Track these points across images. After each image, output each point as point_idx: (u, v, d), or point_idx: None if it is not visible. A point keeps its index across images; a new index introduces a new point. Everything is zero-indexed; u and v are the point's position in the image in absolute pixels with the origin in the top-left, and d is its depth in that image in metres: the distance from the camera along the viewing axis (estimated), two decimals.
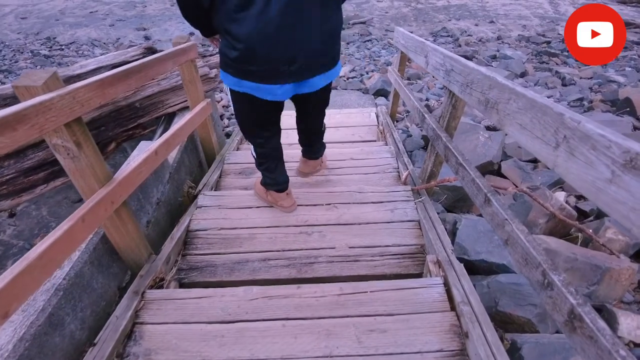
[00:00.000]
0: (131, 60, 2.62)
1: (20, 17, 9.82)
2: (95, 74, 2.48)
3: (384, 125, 3.36)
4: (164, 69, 1.83)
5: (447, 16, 9.17)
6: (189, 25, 6.54)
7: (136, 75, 1.53)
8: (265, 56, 1.45)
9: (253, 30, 1.39)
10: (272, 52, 1.44)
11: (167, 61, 1.87)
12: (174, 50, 1.97)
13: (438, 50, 1.96)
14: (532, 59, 6.71)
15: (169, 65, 1.91)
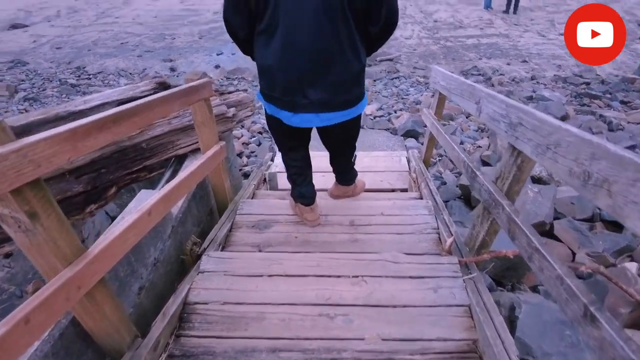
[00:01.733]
0: (140, 96, 2.38)
1: (56, 47, 10.14)
2: (100, 110, 2.24)
3: (417, 173, 3.01)
4: (168, 111, 1.55)
5: (478, 54, 8.92)
6: (215, 58, 6.50)
7: (127, 120, 1.24)
8: (282, 88, 1.65)
9: (273, 64, 1.59)
10: (288, 85, 1.63)
11: (174, 102, 1.59)
12: (184, 88, 1.70)
13: (497, 97, 1.62)
14: (571, 101, 6.29)
15: (176, 106, 1.64)
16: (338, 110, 1.70)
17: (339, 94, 1.66)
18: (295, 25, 1.49)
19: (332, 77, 1.60)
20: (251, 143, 4.33)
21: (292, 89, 1.63)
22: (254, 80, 7.45)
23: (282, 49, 1.54)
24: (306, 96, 1.64)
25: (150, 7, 13.09)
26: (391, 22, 1.57)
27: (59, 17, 12.77)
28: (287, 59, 1.56)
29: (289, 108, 1.69)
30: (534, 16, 11.51)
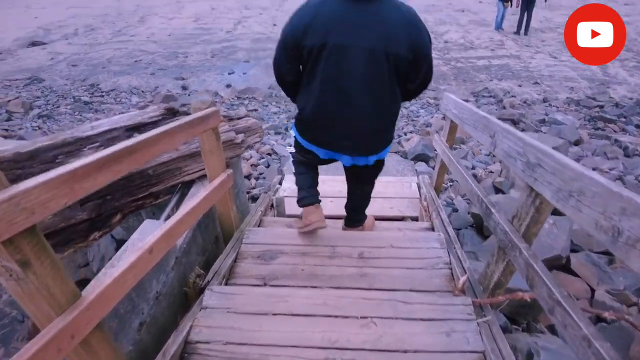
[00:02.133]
0: (148, 122, 2.37)
1: (72, 64, 10.35)
2: (107, 136, 2.23)
3: (428, 201, 2.93)
4: (173, 145, 1.52)
5: (489, 76, 8.88)
6: (226, 77, 6.54)
7: (129, 157, 1.20)
8: (321, 134, 1.83)
9: (314, 113, 1.75)
10: (327, 133, 1.81)
11: (179, 134, 1.56)
12: (189, 120, 1.67)
13: (513, 133, 1.56)
14: (585, 125, 6.19)
15: (181, 138, 1.60)
16: (370, 155, 1.87)
17: (374, 142, 1.82)
18: (340, 80, 1.61)
19: (370, 128, 1.75)
20: (260, 165, 4.30)
21: (330, 136, 1.81)
22: (265, 100, 7.50)
23: (324, 101, 1.69)
24: (341, 142, 1.80)
25: (165, 26, 13.36)
26: (427, 81, 1.72)
27: (77, 35, 13.09)
28: (328, 111, 1.71)
29: (317, 143, 1.86)
30: (545, 37, 11.48)
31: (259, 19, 13.81)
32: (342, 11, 1.53)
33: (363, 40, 1.53)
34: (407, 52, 1.54)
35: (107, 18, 14.81)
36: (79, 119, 6.69)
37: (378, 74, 1.58)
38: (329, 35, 1.54)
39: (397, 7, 1.54)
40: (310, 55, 1.60)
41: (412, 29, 1.53)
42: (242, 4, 15.89)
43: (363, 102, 1.65)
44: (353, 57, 1.55)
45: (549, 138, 4.98)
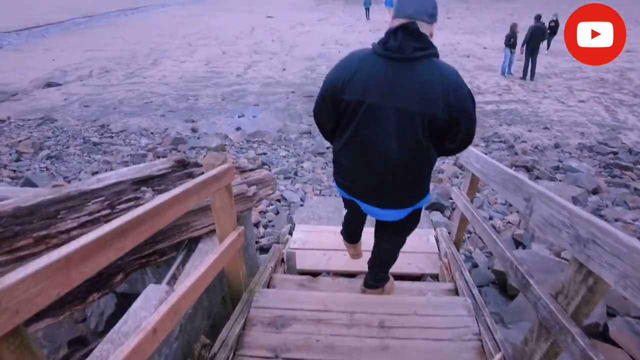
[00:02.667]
0: (157, 174, 2.27)
1: (84, 105, 10.55)
2: (113, 189, 2.12)
3: (449, 258, 2.75)
4: (183, 210, 1.40)
5: (498, 121, 8.87)
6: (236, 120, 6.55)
7: (134, 231, 1.07)
8: (352, 183, 1.85)
9: (346, 163, 1.81)
10: (352, 181, 1.84)
11: (190, 198, 1.44)
12: (203, 180, 1.55)
13: (555, 200, 1.42)
14: (601, 172, 6.06)
15: (194, 200, 1.48)
16: (399, 208, 1.84)
17: (402, 196, 1.80)
18: (372, 136, 1.62)
19: (397, 184, 1.74)
20: (269, 212, 4.17)
21: (357, 186, 1.83)
22: (274, 143, 7.49)
23: (356, 153, 1.73)
24: (368, 193, 1.82)
25: (177, 69, 13.73)
26: (467, 142, 1.67)
27: (91, 76, 13.45)
28: (359, 164, 1.75)
29: (352, 194, 1.89)
30: (551, 83, 11.60)
31: (268, 63, 14.17)
32: (381, 71, 1.54)
33: (398, 100, 1.53)
34: (443, 113, 1.51)
35: (122, 60, 15.28)
36: (87, 161, 6.68)
37: (410, 134, 1.57)
38: (366, 94, 1.57)
39: (438, 68, 1.52)
40: (347, 109, 1.64)
41: (451, 91, 1.50)
42: (252, 49, 16.39)
43: (393, 158, 1.64)
44: (387, 117, 1.57)
45: (567, 187, 4.84)
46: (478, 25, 20.71)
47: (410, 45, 1.49)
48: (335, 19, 23.55)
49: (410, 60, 1.51)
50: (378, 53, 1.55)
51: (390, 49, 1.52)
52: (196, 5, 32.72)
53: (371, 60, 1.56)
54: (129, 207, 2.08)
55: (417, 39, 1.51)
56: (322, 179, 5.40)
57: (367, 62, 1.57)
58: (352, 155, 1.75)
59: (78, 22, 26.44)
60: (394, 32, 1.52)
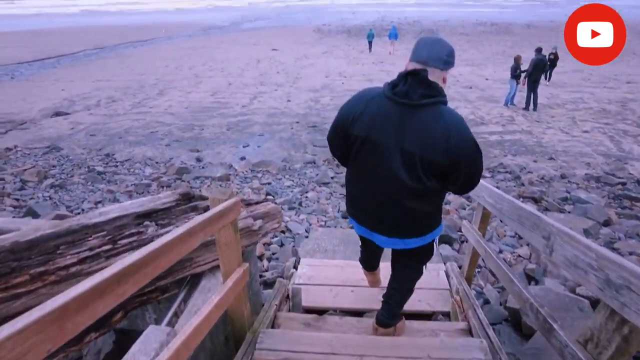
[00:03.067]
0: (161, 208, 2.21)
1: (90, 134, 10.66)
2: (115, 223, 2.06)
3: (460, 295, 2.65)
4: (189, 248, 1.33)
5: (502, 151, 8.86)
6: (241, 150, 6.57)
7: (136, 275, 1.00)
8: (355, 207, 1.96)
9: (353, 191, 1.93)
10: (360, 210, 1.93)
11: (196, 235, 1.38)
12: (208, 217, 1.49)
13: (579, 239, 1.35)
14: (610, 203, 5.96)
15: (199, 239, 1.42)
16: (407, 238, 1.87)
17: (409, 227, 1.84)
18: (376, 170, 1.72)
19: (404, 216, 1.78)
20: (273, 244, 4.08)
21: (364, 216, 1.92)
22: (278, 173, 7.47)
23: (364, 185, 1.82)
24: (374, 224, 1.89)
25: (183, 99, 13.94)
26: (469, 187, 1.75)
27: (98, 106, 13.68)
28: (366, 194, 1.83)
29: (359, 221, 1.96)
30: (554, 113, 11.67)
31: (273, 94, 14.39)
32: (388, 112, 1.62)
33: (401, 142, 1.60)
34: (443, 158, 1.56)
35: (129, 90, 15.57)
36: (91, 190, 6.65)
37: (413, 173, 1.63)
38: (373, 131, 1.66)
39: (443, 114, 1.57)
40: (355, 142, 1.74)
41: (452, 137, 1.54)
42: (257, 80, 16.70)
43: (395, 194, 1.71)
44: (391, 155, 1.64)
45: (577, 219, 4.74)
46: (479, 57, 21.13)
47: (418, 92, 1.56)
48: (339, 52, 24.10)
49: (417, 107, 1.57)
50: (386, 95, 1.62)
51: (398, 93, 1.59)
52: (203, 38, 33.70)
53: (380, 101, 1.65)
54: (131, 242, 2.02)
55: (425, 86, 1.56)
56: (327, 210, 5.33)
57: (375, 101, 1.66)
58: (361, 186, 1.84)
59: (88, 53, 27.21)
60: (405, 77, 1.59)
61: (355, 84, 15.60)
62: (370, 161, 1.72)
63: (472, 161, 1.61)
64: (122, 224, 2.09)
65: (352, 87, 15.08)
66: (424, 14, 46.12)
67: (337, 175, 7.34)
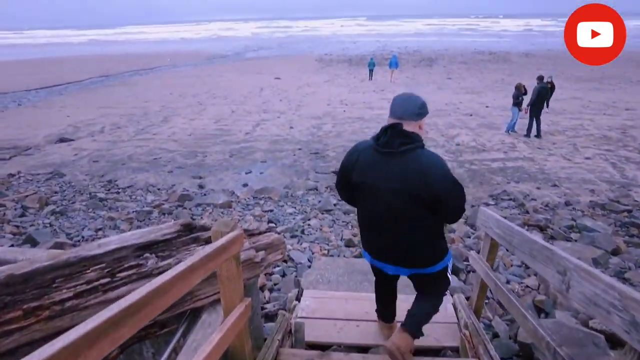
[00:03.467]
0: (162, 240, 2.16)
1: (93, 160, 10.71)
2: (114, 255, 2.01)
3: (470, 329, 2.54)
4: (190, 285, 1.27)
5: (505, 178, 8.83)
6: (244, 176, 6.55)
7: (133, 317, 0.95)
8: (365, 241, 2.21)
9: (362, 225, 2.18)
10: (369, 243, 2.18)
11: (197, 272, 1.32)
12: (211, 252, 1.44)
13: (597, 276, 1.29)
14: (617, 231, 5.87)
15: (200, 275, 1.36)
16: (412, 268, 2.10)
17: (411, 258, 2.06)
18: (375, 210, 2.01)
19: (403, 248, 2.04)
20: (275, 274, 3.99)
21: (375, 247, 2.15)
22: (280, 200, 7.43)
23: (369, 221, 2.11)
24: (384, 253, 2.12)
25: (186, 126, 14.08)
26: (456, 217, 2.08)
27: (103, 132, 13.80)
28: (372, 229, 2.12)
29: (375, 256, 2.17)
30: (555, 140, 11.70)
31: (276, 121, 14.53)
32: (376, 160, 1.94)
33: (390, 183, 1.89)
34: (426, 193, 1.85)
35: (133, 117, 15.75)
36: (92, 217, 6.61)
37: (404, 208, 1.92)
38: (367, 177, 1.97)
39: (421, 157, 1.87)
40: (355, 187, 2.06)
41: (430, 175, 1.83)
42: (260, 108, 16.90)
43: (391, 230, 2.00)
44: (383, 195, 1.94)
45: (585, 248, 4.66)
46: (478, 85, 21.42)
47: (397, 142, 1.86)
48: (340, 80, 24.49)
49: (397, 154, 1.87)
50: (373, 147, 1.95)
51: (380, 144, 1.91)
52: (207, 66, 34.39)
53: (369, 151, 1.97)
54: (130, 275, 1.96)
55: (402, 136, 1.87)
56: (329, 238, 5.26)
57: (366, 152, 1.98)
58: (367, 222, 2.14)
59: (95, 81, 27.72)
60: (385, 130, 1.91)
61: (357, 111, 15.78)
62: (370, 201, 2.01)
63: (450, 194, 1.89)
64: (121, 256, 2.03)
65: (354, 114, 15.25)
66: (424, 44, 47.18)
67: (340, 202, 7.28)
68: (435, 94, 19.16)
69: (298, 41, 60.46)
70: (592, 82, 22.03)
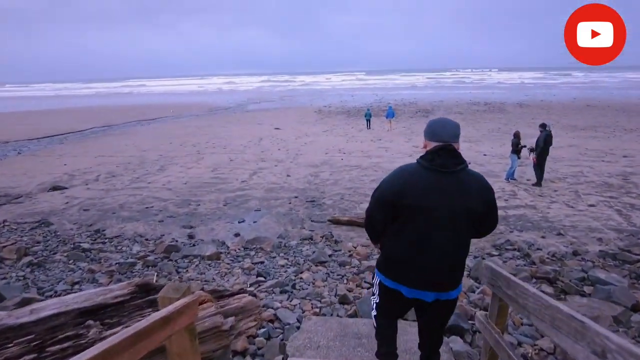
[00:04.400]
0: (112, 303, 1.84)
1: (84, 209, 10.44)
2: (49, 323, 1.67)
3: None
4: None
5: (508, 227, 8.49)
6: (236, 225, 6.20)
7: None
8: (402, 267, 2.19)
9: (401, 252, 2.17)
10: (408, 268, 2.16)
11: (134, 348, 1.00)
12: (151, 324, 1.12)
13: None
14: (634, 284, 5.45)
15: (139, 352, 1.04)
16: (449, 290, 2.16)
17: (451, 278, 2.15)
18: (429, 231, 2.04)
19: (449, 267, 2.12)
20: (259, 336, 3.55)
21: (416, 274, 2.13)
22: (273, 251, 7.05)
23: (416, 243, 2.08)
24: (425, 279, 2.12)
25: (182, 175, 13.91)
26: (494, 225, 2.30)
27: (97, 181, 13.62)
28: (419, 254, 2.08)
29: (410, 285, 2.15)
30: (557, 187, 11.48)
31: (274, 170, 14.41)
32: (432, 180, 2.01)
33: (447, 201, 2.00)
34: (482, 207, 2.06)
35: (129, 166, 15.65)
36: (71, 269, 6.21)
37: (458, 226, 2.05)
38: (423, 198, 2.01)
39: (473, 175, 2.10)
40: (405, 211, 2.06)
41: (484, 191, 2.09)
42: (258, 157, 16.87)
43: (445, 248, 2.07)
44: (439, 215, 2.01)
45: (603, 305, 4.25)
46: (476, 135, 21.58)
47: (452, 162, 2.03)
48: (338, 130, 24.78)
49: (453, 172, 2.02)
50: (426, 167, 2.03)
51: (437, 165, 2.01)
52: (209, 117, 34.99)
53: (421, 173, 2.04)
54: (64, 350, 1.61)
55: (455, 156, 2.05)
56: (322, 294, 4.83)
57: (417, 174, 2.05)
58: (417, 247, 2.08)
59: (96, 130, 28.08)
60: (437, 152, 2.03)
61: (354, 159, 15.72)
62: (425, 223, 2.03)
63: (495, 205, 2.18)
64: (57, 324, 1.69)
65: (351, 162, 15.16)
66: (420, 96, 48.42)
67: (335, 253, 6.90)
68: None
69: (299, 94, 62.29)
70: (587, 130, 22.24)
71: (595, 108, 32.74)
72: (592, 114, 29.44)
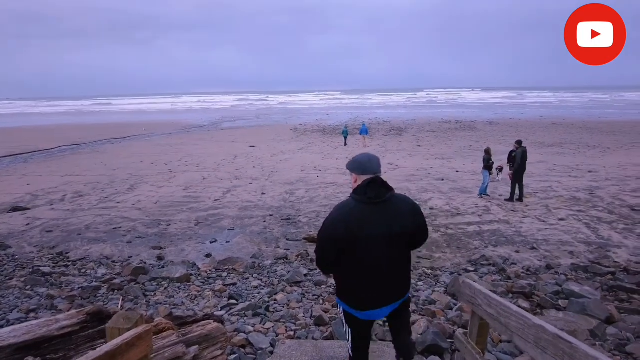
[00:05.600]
0: (57, 335, 1.63)
1: (47, 230, 9.90)
2: None
3: None
4: None
5: (482, 242, 8.56)
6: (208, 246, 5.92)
7: None
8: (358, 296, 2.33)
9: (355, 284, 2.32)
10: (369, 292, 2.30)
11: None
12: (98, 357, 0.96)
13: None
14: (606, 296, 5.53)
15: None
16: (401, 299, 2.38)
17: (401, 288, 2.37)
18: (374, 255, 2.21)
19: (398, 281, 2.35)
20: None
21: (376, 295, 2.30)
22: (246, 272, 6.80)
23: (365, 270, 2.24)
24: (384, 297, 2.32)
25: (153, 194, 13.46)
26: (426, 239, 2.51)
27: (63, 201, 13.00)
28: (367, 277, 2.24)
29: (373, 307, 2.32)
30: (528, 202, 11.72)
31: (248, 188, 14.16)
32: (368, 212, 2.21)
33: (384, 228, 2.20)
34: (413, 228, 2.32)
35: (98, 185, 15.06)
36: (28, 295, 5.78)
37: (397, 246, 2.27)
38: (364, 229, 2.17)
39: (402, 200, 2.34)
40: (351, 245, 2.19)
41: (415, 214, 2.34)
42: (233, 175, 16.59)
43: (391, 268, 2.28)
44: (384, 239, 2.21)
45: (579, 319, 4.25)
46: (447, 152, 22.03)
47: (383, 191, 2.25)
48: (314, 148, 24.81)
49: (386, 201, 2.23)
50: (362, 201, 2.22)
51: (371, 197, 2.21)
52: (182, 135, 34.40)
53: (358, 207, 2.22)
54: None
55: (385, 186, 2.28)
56: (297, 316, 4.64)
57: (356, 209, 2.21)
58: (367, 273, 2.24)
59: (64, 149, 27.04)
60: (369, 186, 2.23)
61: (330, 176, 15.69)
62: (369, 251, 2.20)
63: (424, 220, 2.41)
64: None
65: (327, 179, 15.12)
66: (393, 115, 49.37)
67: (311, 272, 6.73)
68: (407, 160, 19.50)
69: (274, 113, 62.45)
70: (554, 147, 23.10)
71: (561, 126, 34.23)
72: (558, 131, 30.71)
